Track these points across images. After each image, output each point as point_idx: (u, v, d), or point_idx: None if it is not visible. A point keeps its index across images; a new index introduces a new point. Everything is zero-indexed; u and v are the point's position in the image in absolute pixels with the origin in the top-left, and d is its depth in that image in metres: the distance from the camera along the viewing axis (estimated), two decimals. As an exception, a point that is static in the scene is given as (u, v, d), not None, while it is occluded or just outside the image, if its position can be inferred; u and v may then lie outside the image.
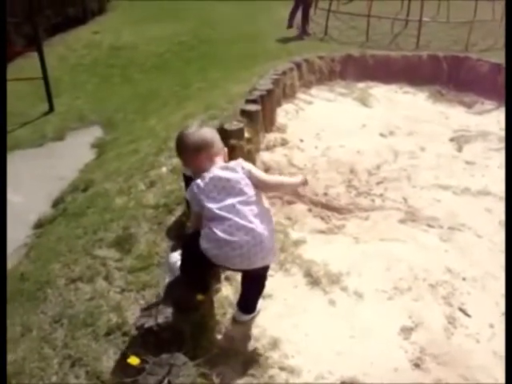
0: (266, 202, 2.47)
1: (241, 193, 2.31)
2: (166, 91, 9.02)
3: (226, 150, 2.60)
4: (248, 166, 2.43)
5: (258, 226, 2.28)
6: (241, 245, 2.24)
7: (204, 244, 2.32)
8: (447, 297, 3.23)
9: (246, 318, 2.75)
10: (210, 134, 2.52)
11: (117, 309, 2.94)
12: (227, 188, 2.32)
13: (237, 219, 2.25)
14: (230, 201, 2.29)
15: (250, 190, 2.34)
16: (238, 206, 2.28)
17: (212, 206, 2.29)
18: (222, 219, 2.27)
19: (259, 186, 2.41)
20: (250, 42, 11.73)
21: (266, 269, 2.51)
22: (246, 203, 2.30)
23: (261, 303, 2.83)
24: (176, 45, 11.95)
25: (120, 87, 9.62)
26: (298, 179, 2.63)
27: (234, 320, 2.76)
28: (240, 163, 2.43)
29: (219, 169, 2.38)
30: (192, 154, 2.44)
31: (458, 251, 3.81)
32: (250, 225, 2.27)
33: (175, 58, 11.05)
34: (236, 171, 2.37)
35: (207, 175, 2.35)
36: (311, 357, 2.62)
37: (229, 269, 2.51)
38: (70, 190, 5.46)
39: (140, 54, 11.41)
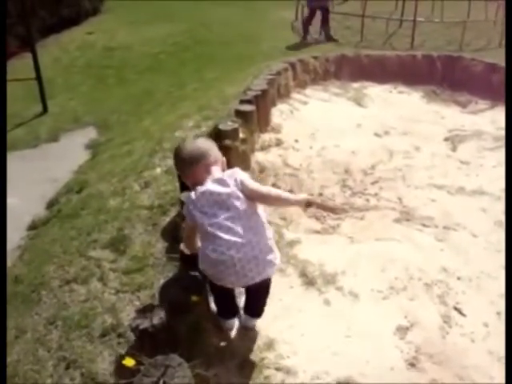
0: (262, 212, 2.38)
1: (232, 207, 2.24)
2: (160, 92, 9.00)
3: (224, 159, 2.53)
4: (242, 176, 2.33)
5: (251, 240, 2.22)
6: (234, 263, 2.20)
7: (201, 265, 2.33)
8: (442, 296, 3.24)
9: (255, 321, 2.73)
10: (205, 144, 2.46)
11: (112, 310, 2.93)
12: (219, 202, 2.25)
13: (227, 237, 2.20)
14: (220, 216, 2.22)
15: (242, 204, 2.25)
16: (229, 223, 2.21)
17: (203, 222, 2.25)
18: (212, 237, 2.22)
19: (253, 197, 2.30)
20: (246, 42, 11.72)
21: (269, 278, 2.47)
22: (238, 218, 2.23)
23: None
24: (171, 45, 11.93)
25: (114, 88, 9.60)
26: (298, 197, 2.46)
27: (243, 326, 2.73)
28: (233, 174, 2.33)
29: (211, 182, 2.31)
30: (188, 167, 2.38)
31: (453, 250, 3.82)
32: (242, 240, 2.20)
33: (170, 59, 11.02)
34: (227, 185, 2.27)
35: (199, 189, 2.29)
36: (307, 357, 2.62)
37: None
38: (64, 192, 5.44)
39: (134, 55, 11.38)
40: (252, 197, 2.29)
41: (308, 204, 2.37)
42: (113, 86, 9.73)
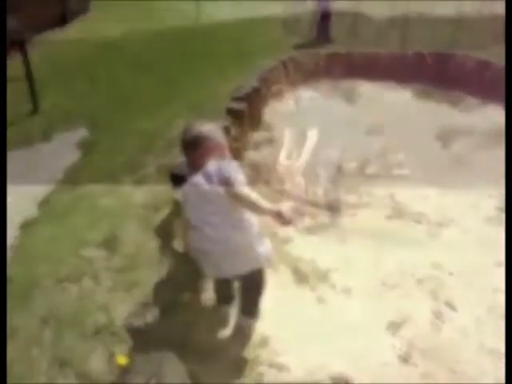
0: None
1: (213, 203, 2.27)
2: (151, 90, 8.96)
3: (226, 145, 2.48)
4: (229, 172, 2.23)
5: (229, 236, 2.26)
6: (210, 254, 2.31)
7: (190, 251, 2.46)
8: (434, 291, 3.25)
9: (249, 322, 2.74)
10: (205, 130, 2.41)
11: (104, 308, 2.91)
12: (203, 196, 2.28)
13: (207, 230, 2.27)
14: (204, 210, 2.29)
15: (224, 201, 2.23)
16: (211, 218, 2.27)
17: (190, 214, 2.34)
18: (196, 228, 2.32)
19: (230, 196, 2.21)
20: (237, 41, 11.70)
21: (260, 274, 2.49)
22: (218, 214, 2.27)
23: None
24: (162, 43, 11.89)
25: (105, 86, 9.55)
26: (272, 207, 2.14)
27: (238, 326, 2.73)
28: (222, 169, 2.27)
29: (201, 175, 2.30)
30: (187, 151, 2.41)
31: (445, 246, 3.84)
32: (218, 236, 2.26)
33: (161, 57, 10.98)
34: (212, 180, 2.25)
35: (190, 181, 2.34)
36: (300, 353, 2.63)
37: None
38: (56, 191, 5.41)
39: (125, 53, 11.33)
40: (229, 195, 2.22)
41: (281, 217, 2.07)
42: (104, 85, 9.67)
